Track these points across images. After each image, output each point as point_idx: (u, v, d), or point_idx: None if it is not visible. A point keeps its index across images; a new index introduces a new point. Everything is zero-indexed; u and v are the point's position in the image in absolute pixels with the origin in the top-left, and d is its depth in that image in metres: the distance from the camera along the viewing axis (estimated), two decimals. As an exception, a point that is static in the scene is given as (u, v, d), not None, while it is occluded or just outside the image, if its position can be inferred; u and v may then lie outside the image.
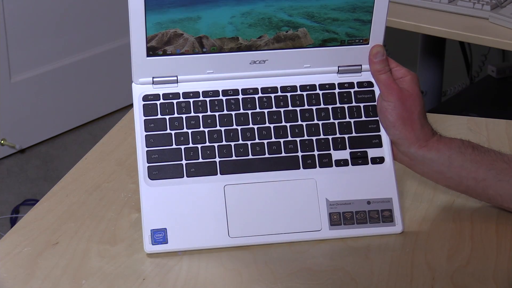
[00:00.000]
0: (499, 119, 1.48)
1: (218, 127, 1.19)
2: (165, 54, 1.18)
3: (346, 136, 1.20)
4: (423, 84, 2.55)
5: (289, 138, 1.20)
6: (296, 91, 1.22)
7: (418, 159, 1.18)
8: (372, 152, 1.21)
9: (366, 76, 1.23)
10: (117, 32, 3.05)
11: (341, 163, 1.20)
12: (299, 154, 1.19)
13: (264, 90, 1.21)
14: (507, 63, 2.80)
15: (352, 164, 1.20)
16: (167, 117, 1.19)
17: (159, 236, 1.15)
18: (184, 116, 1.19)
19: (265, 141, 1.19)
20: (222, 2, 1.15)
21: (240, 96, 1.20)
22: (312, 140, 1.20)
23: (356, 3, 1.18)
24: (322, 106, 1.21)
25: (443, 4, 2.15)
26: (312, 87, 1.22)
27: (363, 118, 1.21)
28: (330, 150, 1.20)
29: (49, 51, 2.93)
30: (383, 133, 1.21)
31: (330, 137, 1.20)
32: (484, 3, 2.11)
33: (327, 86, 1.22)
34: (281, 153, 1.19)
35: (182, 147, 1.18)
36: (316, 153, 1.20)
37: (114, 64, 3.09)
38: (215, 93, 1.20)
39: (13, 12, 2.77)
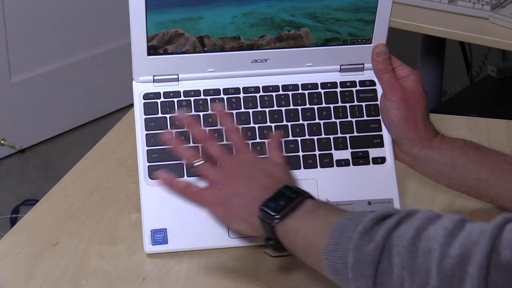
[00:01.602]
0: (499, 119, 1.48)
1: (218, 126, 1.18)
2: (166, 53, 1.17)
3: (347, 135, 1.20)
4: (423, 84, 2.54)
5: (290, 138, 1.19)
6: (298, 90, 1.21)
7: (420, 159, 1.18)
8: (373, 152, 1.20)
9: (369, 75, 1.22)
10: (117, 32, 3.05)
11: (342, 163, 1.19)
12: (300, 154, 1.19)
13: (266, 88, 1.21)
14: (507, 63, 2.80)
15: (353, 164, 1.20)
16: (167, 115, 1.18)
17: (159, 236, 1.15)
18: (184, 115, 1.19)
19: (266, 141, 1.19)
20: (224, 3, 1.15)
21: (241, 95, 1.20)
22: (313, 139, 1.20)
23: (359, 3, 1.18)
24: (323, 105, 1.21)
25: (443, 4, 2.15)
26: (314, 85, 1.22)
27: (365, 118, 1.21)
28: (331, 150, 1.20)
29: (49, 51, 2.93)
30: (384, 132, 1.21)
31: (331, 136, 1.20)
32: (484, 3, 2.11)
33: (329, 84, 1.22)
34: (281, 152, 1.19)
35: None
36: (317, 153, 1.19)
37: (114, 64, 3.09)
38: (216, 91, 1.20)
39: (13, 12, 2.77)
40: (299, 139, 1.20)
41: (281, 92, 1.21)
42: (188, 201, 1.07)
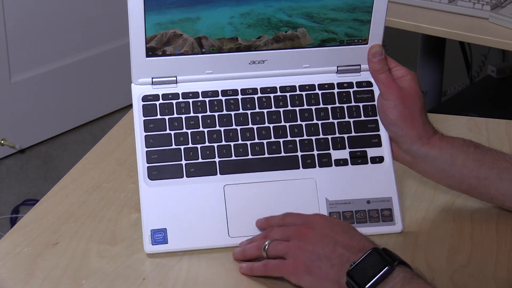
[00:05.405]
0: (499, 119, 1.48)
1: (217, 127, 1.19)
2: (164, 54, 1.18)
3: (345, 135, 1.20)
4: (423, 84, 2.55)
5: (289, 138, 1.20)
6: (295, 91, 1.22)
7: (420, 156, 1.18)
8: (371, 152, 1.21)
9: (365, 76, 1.23)
10: (117, 32, 3.05)
11: (341, 162, 1.20)
12: (299, 154, 1.19)
13: (264, 90, 1.21)
14: (507, 63, 2.80)
15: (352, 164, 1.20)
16: (166, 117, 1.19)
17: (159, 236, 1.15)
18: (183, 116, 1.19)
19: (265, 141, 1.19)
20: (221, 3, 1.15)
21: (240, 96, 1.21)
22: (311, 139, 1.20)
23: (355, 3, 1.18)
24: (321, 106, 1.21)
25: (443, 4, 2.15)
26: (311, 87, 1.22)
27: (362, 118, 1.21)
28: (329, 149, 1.20)
29: (49, 51, 2.93)
30: (382, 132, 1.21)
31: (329, 136, 1.20)
32: (484, 3, 2.11)
33: (326, 86, 1.22)
34: (280, 153, 1.19)
35: (182, 147, 1.18)
36: (315, 152, 1.20)
37: (114, 64, 3.09)
38: (215, 93, 1.20)
39: (13, 12, 2.77)
40: (297, 139, 1.20)
41: (278, 93, 1.21)
42: (273, 275, 1.07)
